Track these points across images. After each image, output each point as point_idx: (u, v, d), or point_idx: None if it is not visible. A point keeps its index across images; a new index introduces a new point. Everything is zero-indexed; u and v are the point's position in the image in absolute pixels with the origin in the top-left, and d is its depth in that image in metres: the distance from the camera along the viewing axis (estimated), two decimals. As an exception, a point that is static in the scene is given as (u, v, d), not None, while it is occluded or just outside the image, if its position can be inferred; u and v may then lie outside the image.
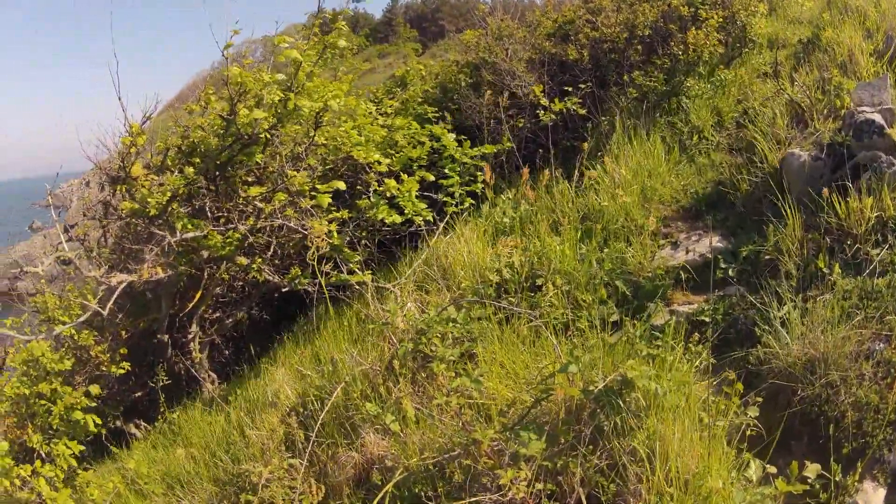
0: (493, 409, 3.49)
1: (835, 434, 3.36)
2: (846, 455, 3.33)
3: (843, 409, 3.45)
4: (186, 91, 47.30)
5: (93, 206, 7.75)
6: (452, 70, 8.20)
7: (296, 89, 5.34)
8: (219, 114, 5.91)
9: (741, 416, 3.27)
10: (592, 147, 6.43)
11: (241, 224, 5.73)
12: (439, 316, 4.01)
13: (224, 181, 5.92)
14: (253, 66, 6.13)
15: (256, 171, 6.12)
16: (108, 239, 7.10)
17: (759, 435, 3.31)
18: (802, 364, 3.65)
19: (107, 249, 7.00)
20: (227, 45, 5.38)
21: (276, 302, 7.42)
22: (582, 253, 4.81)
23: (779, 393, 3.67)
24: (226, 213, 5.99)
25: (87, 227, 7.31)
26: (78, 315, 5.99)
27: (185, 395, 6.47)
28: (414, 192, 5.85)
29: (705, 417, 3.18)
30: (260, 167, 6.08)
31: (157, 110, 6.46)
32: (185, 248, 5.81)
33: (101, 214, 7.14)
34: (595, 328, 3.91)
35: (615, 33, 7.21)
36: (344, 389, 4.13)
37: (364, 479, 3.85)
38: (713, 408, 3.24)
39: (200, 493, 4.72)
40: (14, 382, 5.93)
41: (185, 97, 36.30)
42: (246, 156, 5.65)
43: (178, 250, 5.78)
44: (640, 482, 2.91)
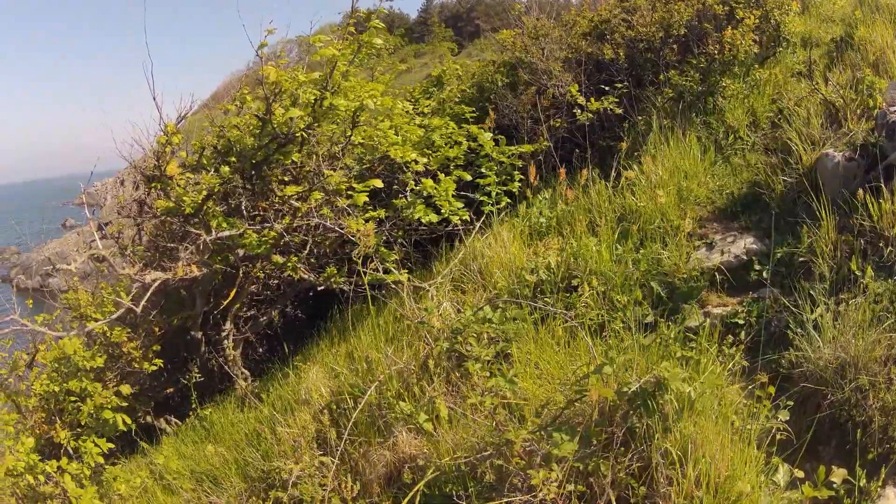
0: (527, 410, 3.55)
1: (861, 439, 3.37)
2: (871, 460, 3.33)
3: (871, 413, 3.45)
4: (221, 91, 48.05)
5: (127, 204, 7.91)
6: (489, 70, 8.28)
7: (332, 88, 5.42)
8: (254, 113, 6.04)
9: (772, 420, 3.29)
10: (629, 147, 6.45)
11: (276, 223, 5.81)
12: (475, 315, 4.07)
13: (260, 180, 6.01)
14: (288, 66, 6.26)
15: (293, 171, 6.20)
16: (142, 237, 7.25)
17: (789, 439, 3.33)
18: (833, 368, 3.65)
19: (141, 247, 7.15)
20: (262, 45, 5.47)
21: (311, 300, 7.51)
22: (618, 254, 4.84)
23: (810, 397, 3.69)
24: (261, 211, 6.09)
25: (121, 226, 7.42)
26: (111, 312, 6.11)
27: (217, 392, 6.58)
28: (451, 191, 5.90)
29: (737, 421, 3.21)
30: (296, 166, 6.16)
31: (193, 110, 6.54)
32: (220, 246, 5.91)
33: (136, 213, 7.30)
34: (630, 329, 3.95)
35: (651, 32, 7.24)
36: (378, 388, 4.19)
37: (395, 478, 3.91)
38: (745, 411, 3.27)
39: (229, 490, 4.80)
40: (44, 379, 6.10)
41: (220, 97, 36.90)
42: (282, 155, 5.74)
43: (214, 248, 5.88)
44: (670, 485, 2.95)
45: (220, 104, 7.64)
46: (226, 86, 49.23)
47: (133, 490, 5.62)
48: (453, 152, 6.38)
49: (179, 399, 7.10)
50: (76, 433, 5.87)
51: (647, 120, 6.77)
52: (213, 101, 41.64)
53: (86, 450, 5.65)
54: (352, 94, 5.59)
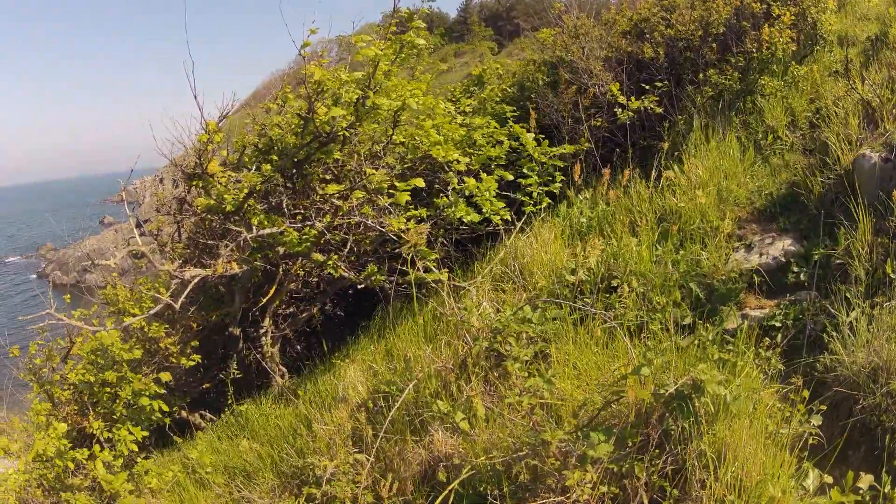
0: (564, 411, 3.61)
1: (889, 445, 3.38)
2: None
3: (900, 419, 3.45)
4: (262, 90, 48.88)
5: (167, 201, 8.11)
6: (530, 69, 8.34)
7: (374, 88, 5.51)
8: (296, 112, 6.14)
9: (805, 425, 3.31)
10: (670, 146, 6.47)
11: (317, 221, 5.92)
12: (515, 315, 4.13)
13: (301, 178, 6.13)
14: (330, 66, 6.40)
15: (334, 169, 6.31)
16: (181, 234, 7.44)
17: (821, 444, 3.35)
18: (866, 373, 3.66)
19: (180, 244, 7.31)
20: (305, 45, 5.58)
21: (351, 298, 7.67)
22: (658, 254, 4.88)
23: (843, 401, 3.69)
24: (302, 210, 6.20)
25: (161, 223, 7.62)
26: (149, 308, 6.29)
27: (254, 388, 6.71)
28: (492, 190, 5.96)
29: (771, 425, 3.23)
30: (338, 165, 6.26)
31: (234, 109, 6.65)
32: (260, 243, 6.03)
33: (176, 210, 7.50)
34: (668, 331, 3.99)
35: (690, 31, 7.26)
36: (416, 387, 4.26)
37: (430, 477, 3.98)
38: (779, 415, 3.30)
39: (262, 485, 4.92)
40: (79, 370, 6.24)
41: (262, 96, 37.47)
42: (324, 154, 5.85)
43: (254, 246, 6.02)
44: (702, 488, 2.99)
45: (262, 103, 7.79)
46: (267, 85, 50.04)
47: (164, 484, 5.74)
48: (495, 152, 6.45)
49: (215, 395, 7.26)
50: (110, 424, 6.02)
51: (687, 119, 6.79)
52: (254, 100, 42.43)
53: (119, 438, 5.81)
54: (394, 93, 5.67)
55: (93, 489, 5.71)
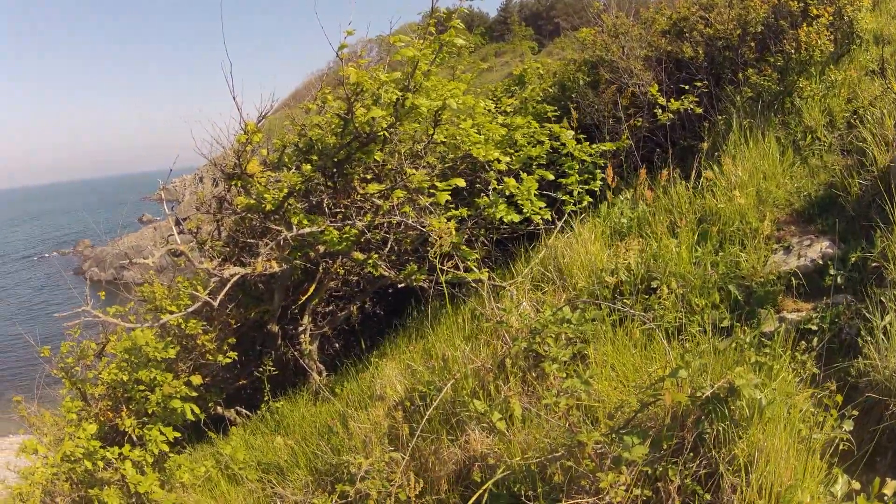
0: (601, 412, 3.65)
1: None
2: (923, 473, 3.32)
3: (928, 426, 3.42)
4: (302, 90, 49.65)
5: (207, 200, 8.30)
6: (570, 68, 8.38)
7: (413, 88, 5.59)
8: (336, 112, 6.26)
9: (836, 430, 3.31)
10: (709, 147, 6.48)
11: (358, 220, 6.04)
12: (554, 316, 4.18)
13: (342, 178, 6.25)
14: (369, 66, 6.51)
15: (375, 169, 6.42)
16: (221, 232, 7.64)
17: (851, 449, 3.34)
18: None
19: (220, 243, 7.50)
20: (342, 46, 5.69)
21: (390, 297, 7.76)
22: (697, 256, 4.89)
23: (874, 407, 3.67)
24: (343, 209, 6.32)
25: (200, 221, 7.81)
26: (187, 305, 6.43)
27: (290, 386, 6.84)
28: (533, 190, 6.00)
29: (804, 430, 3.25)
30: (378, 164, 6.37)
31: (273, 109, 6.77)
32: (300, 242, 6.16)
33: (216, 209, 7.70)
34: (706, 333, 4.01)
35: (728, 30, 7.25)
36: (453, 386, 4.32)
37: (464, 476, 4.04)
38: (812, 420, 3.31)
39: (295, 482, 5.02)
40: (112, 368, 6.38)
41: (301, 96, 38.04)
42: (364, 153, 5.97)
43: (294, 245, 6.15)
44: (734, 493, 3.02)
45: (301, 103, 7.92)
46: (306, 86, 50.77)
47: (196, 479, 5.90)
48: (535, 151, 6.49)
49: (251, 391, 7.43)
50: (142, 422, 6.16)
51: (727, 120, 6.78)
52: (293, 100, 43.08)
53: (150, 437, 5.94)
54: (434, 93, 5.76)
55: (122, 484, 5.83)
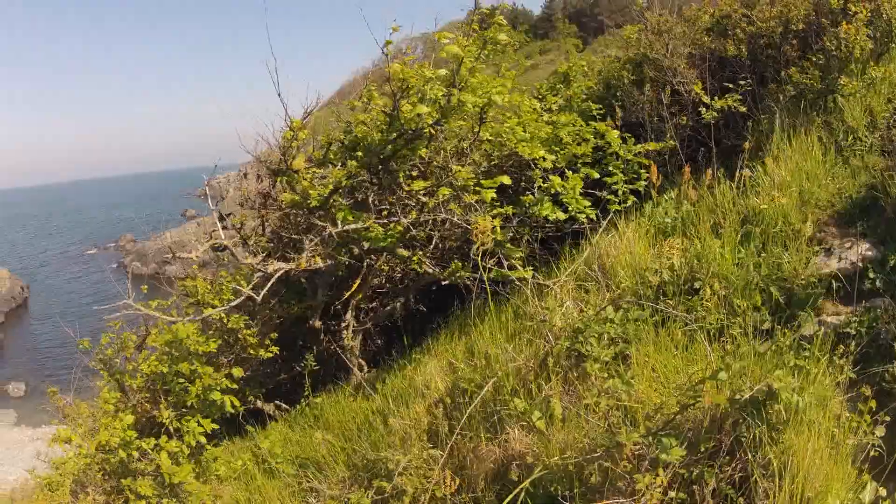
0: (640, 413, 3.71)
1: None
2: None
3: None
4: (347, 88, 50.46)
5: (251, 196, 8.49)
6: (615, 66, 8.40)
7: (459, 85, 5.67)
8: (382, 109, 6.36)
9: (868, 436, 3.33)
10: (753, 146, 6.47)
11: (403, 217, 6.14)
12: (597, 315, 4.27)
13: (387, 175, 6.37)
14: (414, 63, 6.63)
15: (420, 166, 6.53)
16: (265, 228, 7.83)
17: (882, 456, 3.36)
18: None
19: (263, 238, 7.68)
20: (388, 42, 5.80)
21: (433, 294, 7.85)
22: (740, 257, 4.91)
23: None
24: (388, 205, 6.44)
25: (244, 217, 7.96)
26: (229, 300, 6.58)
27: (331, 381, 6.98)
28: (578, 189, 6.05)
29: (838, 434, 3.27)
30: (424, 161, 6.48)
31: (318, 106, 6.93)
32: (345, 238, 6.28)
33: (260, 204, 7.90)
34: (747, 335, 4.04)
35: (770, 27, 7.21)
36: (495, 384, 4.40)
37: (502, 475, 4.12)
38: (846, 425, 3.33)
39: (332, 477, 5.16)
40: (152, 360, 6.55)
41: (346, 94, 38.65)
42: (410, 150, 6.07)
43: (338, 241, 6.27)
44: (766, 498, 3.06)
45: (347, 100, 8.07)
46: (351, 83, 51.56)
47: (232, 472, 6.07)
48: (581, 150, 6.53)
49: (291, 386, 7.59)
50: (180, 413, 6.31)
51: (770, 119, 6.76)
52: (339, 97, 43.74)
53: (188, 429, 6.08)
54: (479, 90, 5.84)
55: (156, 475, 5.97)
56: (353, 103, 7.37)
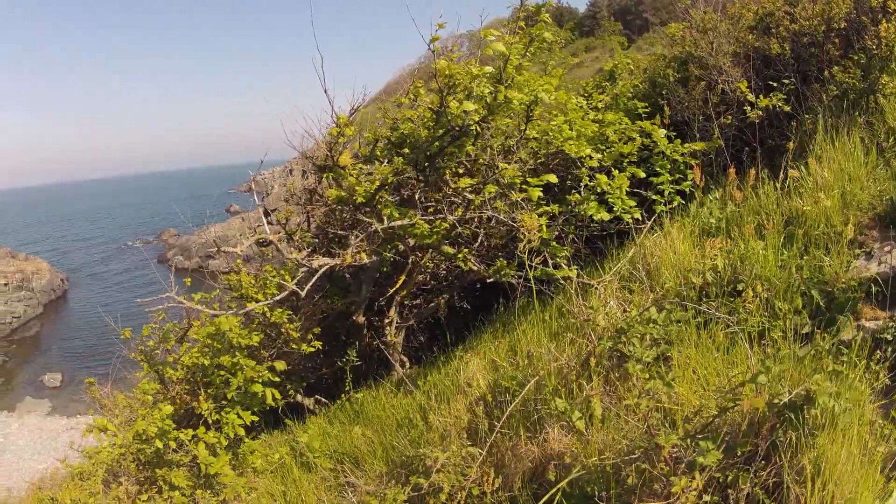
0: (679, 415, 3.75)
1: None
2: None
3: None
4: (393, 85, 51.08)
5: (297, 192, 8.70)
6: (660, 64, 8.43)
7: (505, 82, 5.76)
8: (428, 106, 6.50)
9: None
10: (796, 146, 6.44)
11: (449, 214, 6.26)
12: (641, 316, 4.32)
13: (434, 172, 6.50)
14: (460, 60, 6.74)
15: (467, 163, 6.64)
16: (310, 224, 8.05)
17: None
18: None
19: (309, 234, 7.91)
20: (434, 39, 5.87)
21: (477, 291, 8.01)
22: (783, 259, 4.92)
23: None
24: (434, 202, 6.58)
25: (290, 212, 8.20)
26: (273, 294, 6.77)
27: (372, 377, 7.13)
28: (624, 188, 6.11)
29: (871, 441, 3.29)
30: (470, 159, 6.59)
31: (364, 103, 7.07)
32: (390, 235, 6.42)
33: (306, 200, 8.12)
34: (787, 339, 4.08)
35: (812, 25, 7.17)
36: (536, 383, 4.47)
37: (539, 474, 4.18)
38: (878, 432, 3.35)
39: (370, 472, 5.27)
40: (194, 353, 6.74)
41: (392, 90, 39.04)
42: (456, 147, 6.19)
43: (384, 237, 6.42)
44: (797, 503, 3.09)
45: (393, 97, 8.21)
46: (397, 80, 52.18)
47: (269, 464, 6.23)
48: (627, 148, 6.59)
49: (332, 381, 7.80)
50: (219, 405, 6.49)
51: (813, 118, 6.72)
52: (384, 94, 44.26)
53: (227, 421, 6.27)
54: (526, 87, 5.92)
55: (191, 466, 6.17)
56: (400, 100, 7.52)
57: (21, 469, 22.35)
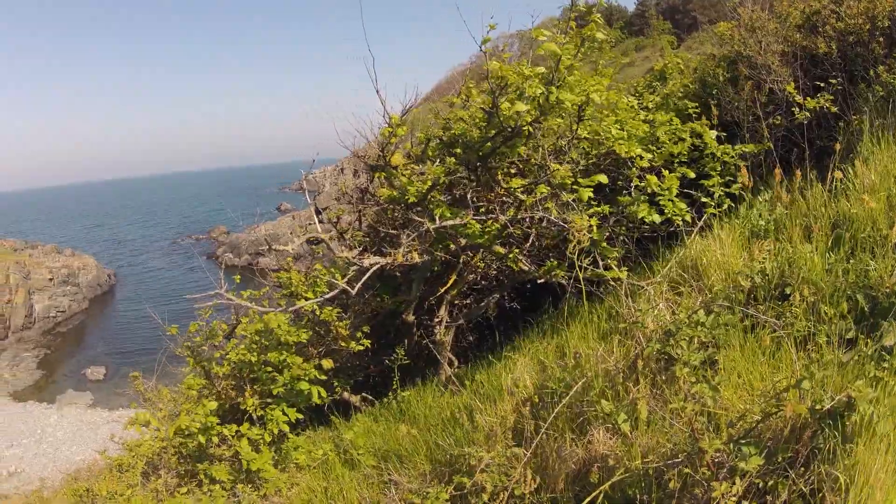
0: (723, 420, 3.82)
1: None
2: None
3: None
4: (444, 85, 51.70)
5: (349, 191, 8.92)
6: (710, 64, 8.45)
7: (557, 82, 5.86)
8: (481, 106, 6.64)
9: None
10: (844, 148, 6.38)
11: (501, 214, 6.39)
12: (689, 319, 4.39)
13: (486, 172, 6.65)
14: (511, 61, 6.87)
15: (518, 163, 6.77)
16: (361, 223, 8.24)
17: None
18: None
19: (360, 233, 8.08)
20: (486, 40, 6.00)
21: (527, 292, 8.11)
22: (830, 263, 4.93)
23: None
24: (486, 203, 6.71)
25: (341, 211, 8.42)
26: (323, 292, 6.96)
27: (420, 376, 7.26)
28: (674, 189, 6.16)
29: None
30: (522, 159, 6.72)
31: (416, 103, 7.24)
32: (441, 235, 6.59)
33: (358, 199, 8.34)
34: (832, 344, 4.11)
35: (858, 24, 7.15)
36: (583, 385, 4.56)
37: (582, 476, 4.26)
38: None
39: (413, 471, 5.38)
40: (241, 349, 6.92)
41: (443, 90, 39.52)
42: (508, 148, 6.31)
43: (435, 237, 6.59)
44: None
45: (445, 97, 8.42)
46: (448, 80, 52.72)
47: (312, 461, 6.38)
48: (677, 149, 6.64)
49: (380, 379, 7.97)
50: (264, 402, 6.66)
51: (860, 119, 6.66)
52: (436, 94, 44.82)
53: (271, 417, 6.44)
54: (577, 87, 6.02)
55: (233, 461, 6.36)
56: (452, 100, 7.66)
57: (57, 460, 22.96)
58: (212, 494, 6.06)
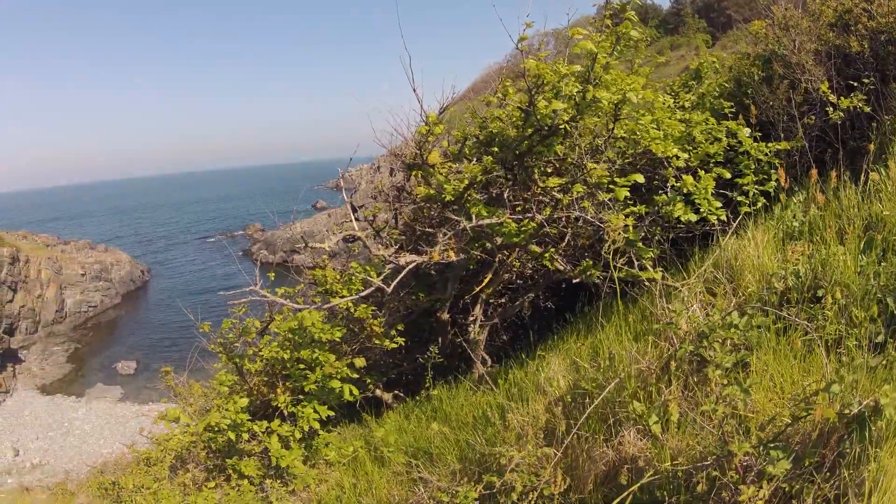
0: (754, 423, 3.85)
1: None
2: None
3: None
4: (480, 83, 51.92)
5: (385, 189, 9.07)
6: (745, 63, 8.44)
7: (593, 81, 5.92)
8: (517, 105, 6.73)
9: None
10: (877, 148, 6.33)
11: (537, 213, 6.45)
12: (723, 320, 4.41)
13: (522, 171, 6.72)
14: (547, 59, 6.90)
15: (555, 162, 6.83)
16: (397, 221, 8.35)
17: None
18: None
19: (396, 231, 8.19)
20: (522, 38, 6.06)
21: (562, 291, 8.19)
22: (862, 265, 4.91)
23: None
24: (522, 201, 6.79)
25: (377, 209, 8.56)
26: (359, 290, 7.08)
27: (452, 374, 7.35)
28: (710, 189, 6.26)
29: None
30: (559, 158, 6.78)
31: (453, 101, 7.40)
32: (478, 233, 6.66)
33: (394, 197, 8.46)
34: (862, 347, 4.13)
35: (889, 23, 7.10)
36: (617, 385, 4.59)
37: (612, 477, 4.31)
38: None
39: (443, 469, 5.44)
40: (274, 346, 7.06)
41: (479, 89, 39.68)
42: (545, 147, 6.38)
43: (471, 236, 6.67)
44: None
45: (481, 96, 8.48)
46: (484, 78, 52.88)
47: (342, 457, 6.51)
48: (713, 148, 6.67)
49: (413, 377, 8.10)
50: (296, 399, 6.80)
51: (893, 119, 6.63)
52: (472, 93, 45.02)
53: (303, 414, 6.56)
54: (613, 86, 6.06)
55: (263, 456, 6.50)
56: (489, 99, 7.77)
57: (84, 453, 23.48)
58: (240, 489, 6.20)
